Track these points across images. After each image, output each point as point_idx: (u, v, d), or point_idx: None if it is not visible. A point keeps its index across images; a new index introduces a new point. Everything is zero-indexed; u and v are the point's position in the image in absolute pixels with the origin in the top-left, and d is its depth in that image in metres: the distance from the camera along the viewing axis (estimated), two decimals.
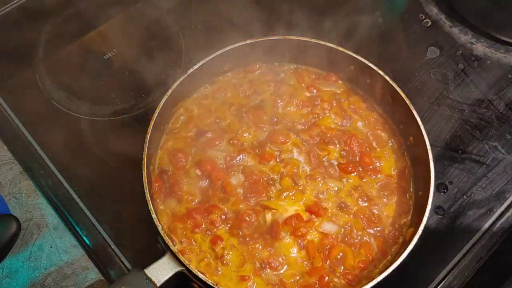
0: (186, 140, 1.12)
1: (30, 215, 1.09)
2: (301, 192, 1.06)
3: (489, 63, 1.36)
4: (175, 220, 1.03)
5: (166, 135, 1.13)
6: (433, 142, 1.21)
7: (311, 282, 0.98)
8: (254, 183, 1.05)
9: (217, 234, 1.01)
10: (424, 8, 1.45)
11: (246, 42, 1.15)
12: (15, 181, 1.12)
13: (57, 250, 1.06)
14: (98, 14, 1.36)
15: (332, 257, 1.00)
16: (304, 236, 1.01)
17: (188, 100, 1.18)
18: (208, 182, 1.07)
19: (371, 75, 1.15)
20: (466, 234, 1.12)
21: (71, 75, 1.28)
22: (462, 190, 1.17)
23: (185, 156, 1.10)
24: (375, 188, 1.09)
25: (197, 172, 1.08)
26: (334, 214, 1.05)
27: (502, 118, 1.28)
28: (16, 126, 1.19)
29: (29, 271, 1.03)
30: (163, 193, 1.06)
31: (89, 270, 1.04)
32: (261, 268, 0.99)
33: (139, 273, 0.90)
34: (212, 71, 1.18)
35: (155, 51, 1.32)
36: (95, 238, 1.07)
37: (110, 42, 1.33)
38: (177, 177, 1.07)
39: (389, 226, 1.05)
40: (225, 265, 0.99)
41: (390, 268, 0.94)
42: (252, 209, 1.03)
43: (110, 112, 1.22)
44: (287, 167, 1.08)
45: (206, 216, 1.03)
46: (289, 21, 1.29)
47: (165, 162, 1.10)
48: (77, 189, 1.12)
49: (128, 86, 1.26)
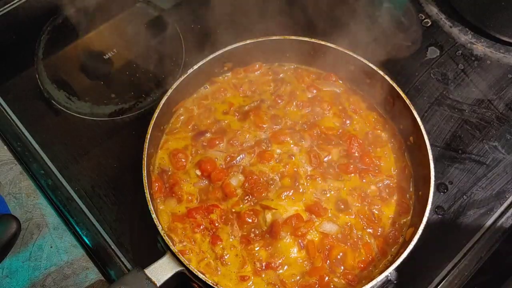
0: (186, 140, 1.12)
1: (30, 215, 1.09)
2: (301, 192, 1.06)
3: (489, 63, 1.36)
4: (175, 220, 1.03)
5: (166, 135, 1.13)
6: (433, 142, 1.21)
7: (311, 282, 0.98)
8: (254, 183, 1.05)
9: (217, 234, 1.02)
10: (424, 8, 1.45)
11: (246, 42, 1.15)
12: (15, 181, 1.12)
13: (57, 250, 1.06)
14: (98, 14, 1.36)
15: (332, 257, 1.00)
16: (304, 236, 1.01)
17: (188, 100, 1.18)
18: (208, 182, 1.07)
19: (371, 75, 1.15)
20: (466, 234, 1.12)
21: (71, 75, 1.28)
22: (462, 190, 1.17)
23: (185, 156, 1.10)
24: (375, 188, 1.09)
25: (197, 173, 1.08)
26: (334, 214, 1.05)
27: (502, 118, 1.28)
28: (16, 126, 1.19)
29: (29, 271, 1.03)
30: (163, 193, 1.06)
31: (89, 270, 1.04)
32: (261, 268, 0.99)
33: (139, 273, 0.90)
34: (212, 71, 1.18)
35: (155, 51, 1.32)
36: (95, 238, 1.07)
37: (110, 42, 1.33)
38: (177, 177, 1.07)
39: (389, 226, 1.05)
40: (225, 265, 0.99)
41: (390, 268, 0.94)
42: (252, 209, 1.03)
43: (110, 112, 1.22)
44: (287, 167, 1.08)
45: (206, 216, 1.03)
46: (289, 21, 1.29)
47: (165, 162, 1.10)
48: (77, 189, 1.12)
49: (128, 86, 1.26)
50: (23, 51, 1.30)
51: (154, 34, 1.35)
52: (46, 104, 1.23)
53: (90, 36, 1.34)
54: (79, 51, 1.32)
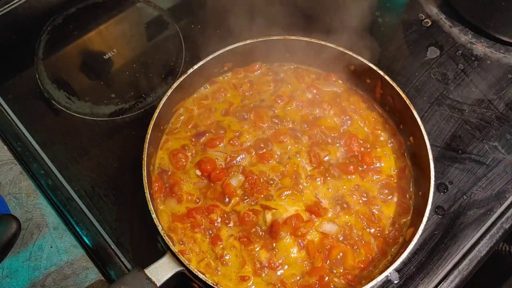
0: (186, 140, 1.12)
1: (30, 215, 1.09)
2: (301, 192, 1.06)
3: (489, 63, 1.36)
4: (175, 220, 1.03)
5: (166, 135, 1.13)
6: (433, 142, 1.21)
7: (311, 282, 0.98)
8: (254, 183, 1.05)
9: (217, 234, 1.02)
10: (424, 8, 1.45)
11: (246, 42, 1.15)
12: (15, 181, 1.12)
13: (57, 250, 1.06)
14: (98, 14, 1.36)
15: (332, 257, 1.00)
16: (304, 236, 1.01)
17: (188, 100, 1.18)
18: (208, 182, 1.07)
19: (371, 75, 1.15)
20: (466, 234, 1.12)
21: (71, 75, 1.28)
22: (462, 190, 1.17)
23: (185, 156, 1.10)
24: (375, 188, 1.09)
25: (197, 173, 1.08)
26: (334, 214, 1.05)
27: (502, 118, 1.28)
28: (16, 126, 1.19)
29: (29, 271, 1.03)
30: (163, 193, 1.06)
31: (89, 270, 1.04)
32: (261, 268, 0.99)
33: (139, 273, 0.90)
34: (212, 71, 1.18)
35: (155, 51, 1.32)
36: (95, 238, 1.07)
37: (110, 42, 1.33)
38: (177, 177, 1.07)
39: (389, 226, 1.05)
40: (225, 265, 0.99)
41: (390, 268, 0.95)
42: (252, 209, 1.03)
43: (110, 112, 1.22)
44: (287, 167, 1.08)
45: (206, 216, 1.03)
46: (289, 21, 1.29)
47: (165, 162, 1.10)
48: (77, 189, 1.12)
49: (128, 86, 1.26)
50: (23, 51, 1.30)
51: (154, 34, 1.35)
52: (46, 104, 1.23)
53: (90, 36, 1.34)
54: (79, 51, 1.32)
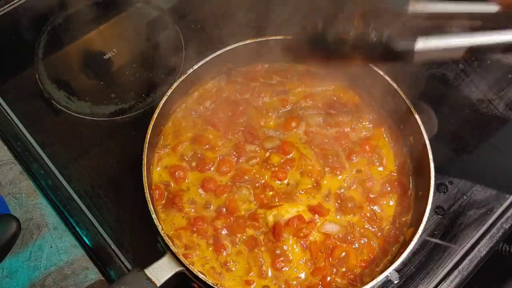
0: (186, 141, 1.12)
1: (30, 215, 1.09)
2: (302, 192, 1.06)
3: (489, 63, 1.36)
4: (178, 229, 1.03)
5: (156, 153, 1.11)
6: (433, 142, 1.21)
7: (314, 283, 0.98)
8: (256, 188, 1.06)
9: (221, 241, 1.01)
10: None
11: (246, 42, 1.15)
12: (15, 181, 1.12)
13: (57, 250, 1.06)
14: (98, 14, 1.36)
15: (334, 257, 1.01)
16: (307, 237, 1.01)
17: (188, 100, 1.17)
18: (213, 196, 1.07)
19: (371, 75, 1.15)
20: (466, 234, 1.12)
21: (71, 75, 1.27)
22: (462, 190, 1.17)
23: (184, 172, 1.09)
24: (376, 188, 1.09)
25: (200, 191, 1.07)
26: (336, 214, 1.05)
27: (502, 118, 1.28)
28: (16, 126, 1.19)
29: (29, 271, 1.03)
30: (164, 205, 1.05)
31: (89, 270, 1.04)
32: (265, 270, 0.99)
33: (139, 273, 0.90)
34: (212, 71, 1.18)
35: (155, 51, 1.32)
36: (95, 238, 1.07)
37: (110, 42, 1.32)
38: (179, 189, 1.07)
39: (389, 225, 1.05)
40: (229, 271, 0.99)
41: (390, 268, 0.95)
42: (254, 212, 1.03)
43: (110, 112, 1.22)
44: (289, 167, 1.08)
45: (210, 223, 1.03)
46: (289, 21, 1.29)
47: (164, 177, 1.09)
48: (77, 189, 1.12)
49: (128, 86, 1.26)
50: (23, 51, 1.30)
51: (154, 34, 1.35)
52: (46, 104, 1.23)
53: (90, 36, 1.34)
54: (79, 51, 1.32)
